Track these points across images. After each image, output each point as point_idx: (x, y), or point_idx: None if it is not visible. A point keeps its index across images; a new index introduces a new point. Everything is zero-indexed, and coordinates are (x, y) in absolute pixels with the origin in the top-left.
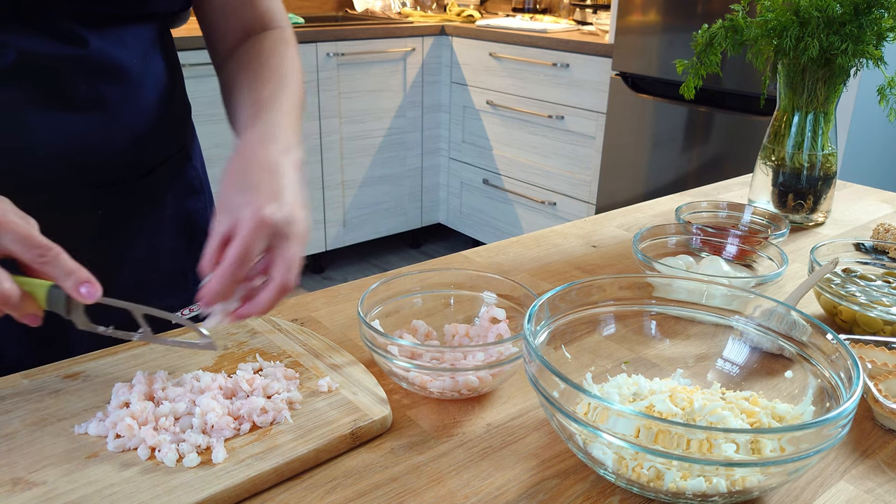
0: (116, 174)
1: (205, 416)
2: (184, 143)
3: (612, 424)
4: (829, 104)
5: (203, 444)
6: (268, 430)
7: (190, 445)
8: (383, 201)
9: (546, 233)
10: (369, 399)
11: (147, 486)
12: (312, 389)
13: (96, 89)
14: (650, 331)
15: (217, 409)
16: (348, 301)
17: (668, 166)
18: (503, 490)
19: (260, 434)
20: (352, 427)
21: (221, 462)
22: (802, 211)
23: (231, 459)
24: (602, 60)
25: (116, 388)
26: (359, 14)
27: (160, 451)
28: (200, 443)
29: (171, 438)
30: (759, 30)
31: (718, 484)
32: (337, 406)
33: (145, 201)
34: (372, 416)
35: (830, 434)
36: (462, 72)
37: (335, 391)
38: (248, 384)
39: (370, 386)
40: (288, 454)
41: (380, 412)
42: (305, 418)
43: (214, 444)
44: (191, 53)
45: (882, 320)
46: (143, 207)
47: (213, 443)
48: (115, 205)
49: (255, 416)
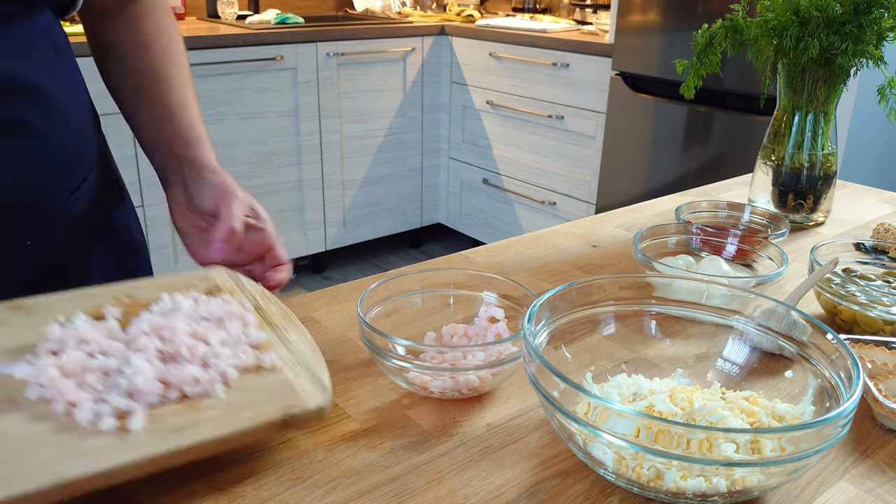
0: (46, 198)
1: (133, 379)
2: (103, 151)
3: (612, 424)
4: (829, 104)
5: (125, 408)
6: (197, 403)
7: (110, 408)
8: (383, 201)
9: (546, 233)
10: (312, 385)
11: (53, 444)
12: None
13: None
14: (650, 331)
15: (147, 372)
16: (348, 301)
17: (668, 166)
18: (503, 490)
19: (187, 405)
20: (284, 413)
21: (137, 430)
22: (802, 211)
23: (149, 429)
24: (602, 60)
25: (52, 330)
26: (359, 14)
27: (78, 408)
28: (122, 406)
29: (92, 397)
30: (759, 30)
31: (718, 484)
32: (275, 387)
33: (74, 222)
34: (309, 404)
35: (830, 434)
36: (462, 72)
37: (278, 370)
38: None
39: (317, 370)
40: (209, 433)
41: (318, 402)
42: (239, 395)
43: (136, 410)
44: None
45: (882, 320)
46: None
47: (134, 408)
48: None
49: (187, 386)
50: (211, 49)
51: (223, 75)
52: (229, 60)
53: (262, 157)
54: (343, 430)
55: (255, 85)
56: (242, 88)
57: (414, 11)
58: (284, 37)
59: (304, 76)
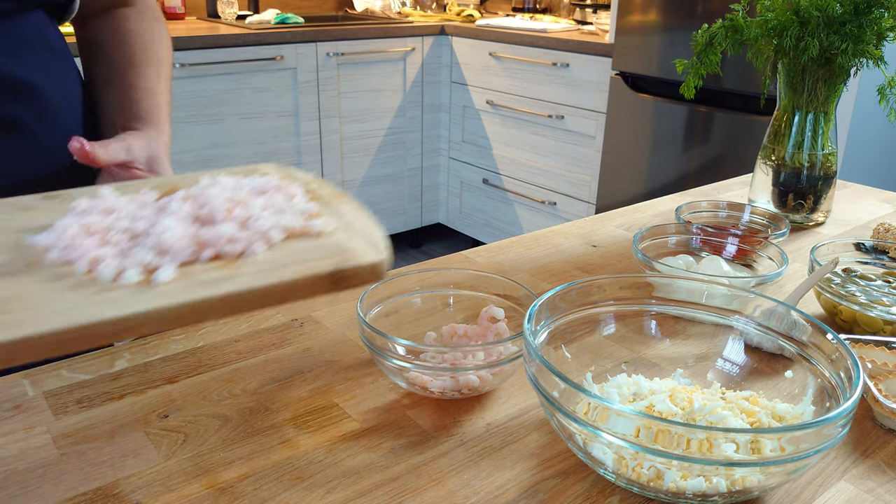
0: None
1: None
2: None
3: (612, 424)
4: (829, 104)
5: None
6: (233, 261)
7: (135, 261)
8: (383, 201)
9: (546, 233)
10: (365, 245)
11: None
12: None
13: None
14: (650, 331)
15: (177, 228)
16: (348, 301)
17: (668, 166)
18: (503, 490)
19: (222, 263)
20: (333, 267)
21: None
22: (802, 211)
23: (177, 282)
24: (602, 60)
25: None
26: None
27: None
28: (148, 261)
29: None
30: (759, 30)
31: (718, 484)
32: (324, 247)
33: None
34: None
35: (830, 434)
36: (462, 71)
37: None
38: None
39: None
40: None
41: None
42: (283, 254)
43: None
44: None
45: (882, 320)
46: None
47: (163, 263)
48: None
49: (222, 244)
50: (210, 49)
51: (223, 75)
52: (229, 60)
53: (262, 157)
54: (343, 430)
55: (254, 85)
56: (242, 88)
57: (414, 11)
58: (284, 37)
59: (303, 76)
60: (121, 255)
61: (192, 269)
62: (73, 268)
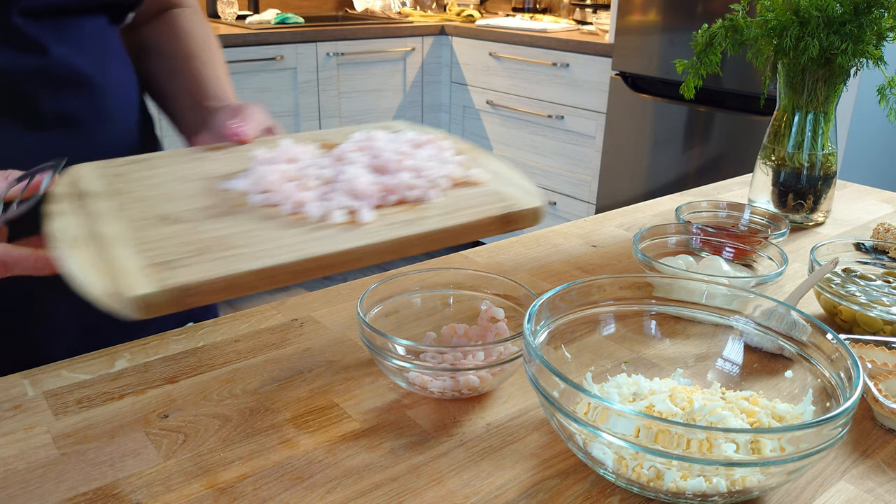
0: None
1: (352, 182)
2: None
3: (612, 424)
4: (829, 104)
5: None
6: (415, 205)
7: (337, 204)
8: None
9: (546, 233)
10: (520, 192)
11: (290, 234)
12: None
13: (62, 103)
14: (650, 331)
15: (366, 176)
16: (348, 301)
17: (668, 166)
18: (503, 490)
19: (407, 207)
20: (502, 210)
21: (369, 222)
22: (802, 211)
23: (378, 222)
24: (602, 60)
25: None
26: (359, 14)
27: (305, 206)
28: (347, 204)
29: (315, 196)
30: (759, 30)
31: (718, 484)
32: (488, 194)
33: None
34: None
35: (830, 434)
36: (462, 71)
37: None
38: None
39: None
40: (434, 224)
41: (531, 202)
42: (454, 200)
43: (363, 207)
44: None
45: (882, 320)
46: None
47: (361, 206)
48: None
49: (404, 190)
50: None
51: None
52: (229, 60)
53: None
54: (343, 430)
55: (254, 85)
56: (242, 88)
57: (414, 11)
58: (284, 37)
59: (304, 76)
60: (320, 199)
61: (384, 212)
62: (278, 210)
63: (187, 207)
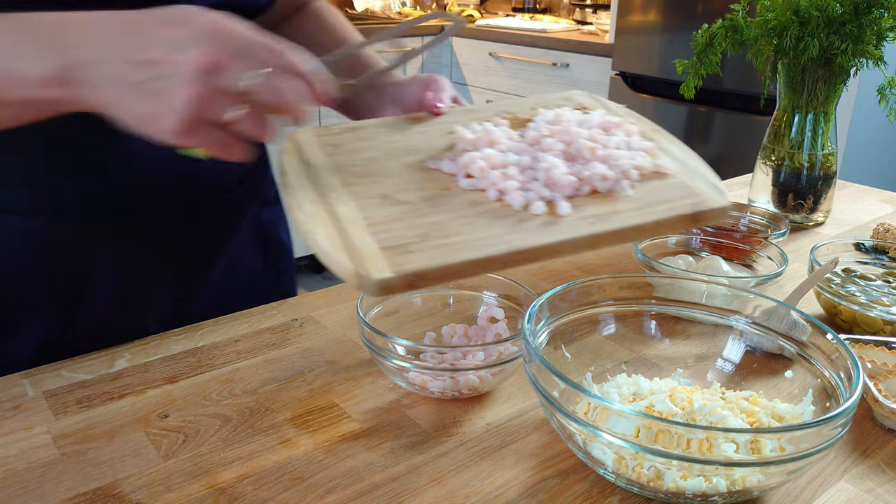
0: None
1: (549, 172)
2: (262, 152)
3: (612, 424)
4: (829, 104)
5: (549, 197)
6: (608, 197)
7: (536, 195)
8: None
9: None
10: (706, 187)
11: (499, 224)
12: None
13: None
14: (650, 331)
15: (562, 166)
16: (348, 301)
17: None
18: (503, 490)
19: (601, 199)
20: (692, 208)
21: (567, 215)
22: (802, 211)
23: (575, 215)
24: (602, 60)
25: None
26: (359, 14)
27: (508, 195)
28: (546, 195)
29: (517, 185)
30: (759, 30)
31: (718, 484)
32: (677, 187)
33: (229, 215)
34: (712, 203)
35: (830, 434)
36: (462, 72)
37: (673, 174)
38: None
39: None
40: (629, 221)
41: (718, 201)
42: (645, 193)
43: (560, 198)
44: None
45: (882, 320)
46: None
47: (557, 197)
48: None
49: (597, 181)
50: None
51: None
52: None
53: None
54: (343, 430)
55: None
56: None
57: (414, 11)
58: None
59: None
60: (521, 188)
61: (578, 202)
62: (484, 195)
63: (404, 187)
